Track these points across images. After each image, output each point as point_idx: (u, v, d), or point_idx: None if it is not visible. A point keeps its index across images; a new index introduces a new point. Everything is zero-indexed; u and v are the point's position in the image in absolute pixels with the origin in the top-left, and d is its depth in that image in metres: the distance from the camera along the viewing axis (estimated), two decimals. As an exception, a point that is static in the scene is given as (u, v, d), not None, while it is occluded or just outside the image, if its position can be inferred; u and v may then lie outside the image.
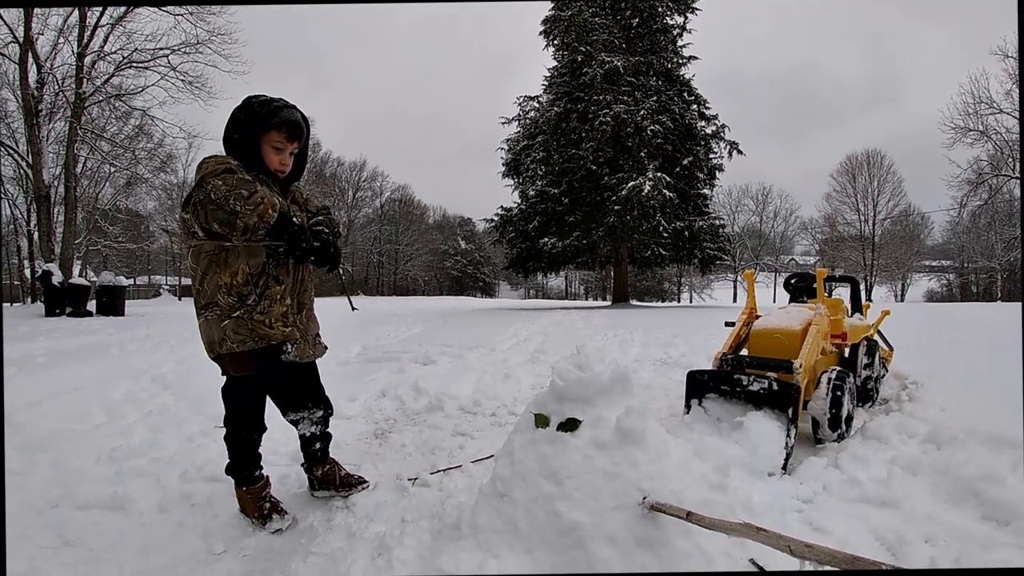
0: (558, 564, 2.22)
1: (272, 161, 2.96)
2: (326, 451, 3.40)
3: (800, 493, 3.54)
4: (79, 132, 22.50)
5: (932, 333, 9.96)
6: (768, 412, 4.15)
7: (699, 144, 27.35)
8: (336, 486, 3.33)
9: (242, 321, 2.87)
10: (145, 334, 12.05)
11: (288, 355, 2.99)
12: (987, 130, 36.20)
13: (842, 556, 1.61)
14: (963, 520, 3.19)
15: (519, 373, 6.95)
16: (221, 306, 2.88)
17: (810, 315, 4.76)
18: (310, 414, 3.27)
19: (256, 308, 2.89)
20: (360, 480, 3.39)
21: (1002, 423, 4.20)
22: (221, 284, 2.87)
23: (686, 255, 27.35)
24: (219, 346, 2.93)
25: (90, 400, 5.61)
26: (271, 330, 2.91)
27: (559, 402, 2.47)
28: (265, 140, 2.92)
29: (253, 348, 2.90)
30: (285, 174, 3.06)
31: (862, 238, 59.83)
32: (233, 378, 3.06)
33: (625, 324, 13.40)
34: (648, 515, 2.18)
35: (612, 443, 2.31)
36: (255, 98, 2.96)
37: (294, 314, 3.07)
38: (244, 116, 2.92)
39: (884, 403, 5.41)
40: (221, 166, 2.77)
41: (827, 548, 1.68)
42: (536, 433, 2.47)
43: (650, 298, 64.82)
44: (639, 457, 2.28)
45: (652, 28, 27.47)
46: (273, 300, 2.93)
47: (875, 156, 60.02)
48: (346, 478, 3.37)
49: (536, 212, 27.70)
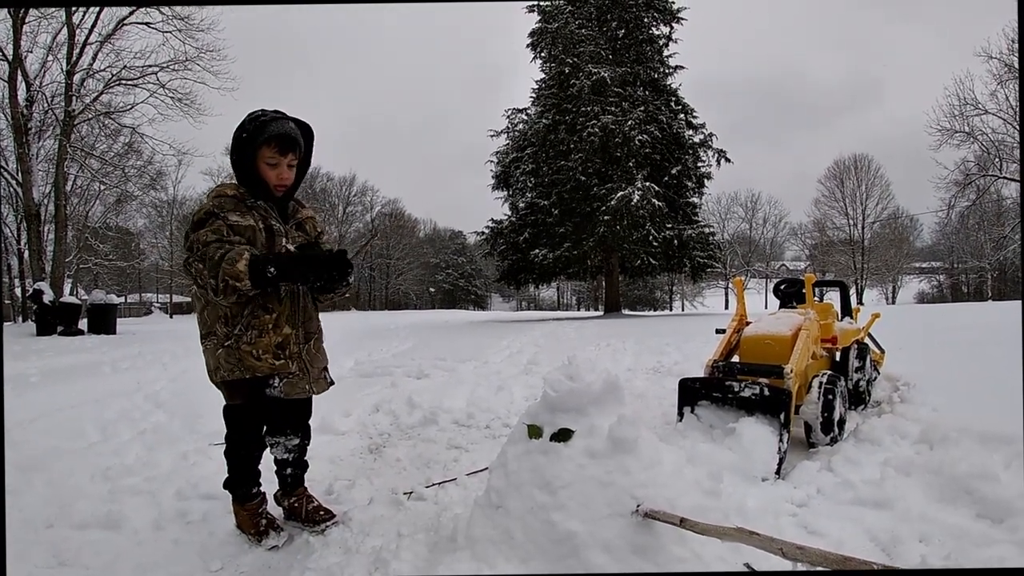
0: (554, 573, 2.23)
1: (269, 177, 2.95)
2: (298, 479, 3.33)
3: (794, 497, 3.56)
4: (68, 150, 22.47)
5: (923, 335, 10.01)
6: (760, 418, 4.17)
7: (687, 153, 27.48)
8: (302, 520, 3.23)
9: (231, 350, 2.87)
10: (137, 352, 12.04)
11: (273, 390, 2.98)
12: (973, 131, 36.50)
13: (834, 557, 1.62)
14: (957, 518, 3.21)
15: (512, 385, 6.95)
16: (217, 335, 2.90)
17: (800, 320, 4.79)
18: (286, 440, 3.21)
19: (242, 338, 2.88)
20: (327, 516, 3.22)
21: (994, 421, 4.23)
22: (220, 314, 2.88)
23: (676, 263, 27.44)
24: (214, 374, 2.96)
25: (84, 419, 5.60)
26: (258, 362, 2.89)
27: (551, 413, 2.48)
28: (259, 157, 2.92)
29: (240, 378, 2.90)
30: (285, 189, 3.04)
31: (852, 242, 60.06)
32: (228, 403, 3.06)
33: (617, 334, 13.41)
34: (642, 522, 2.20)
35: (605, 452, 2.32)
36: (250, 115, 2.93)
37: (297, 343, 3.03)
38: (241, 135, 2.90)
39: (876, 405, 5.44)
40: (208, 208, 2.80)
41: (819, 550, 1.70)
42: (529, 444, 2.48)
43: (642, 307, 64.83)
44: (632, 465, 2.30)
45: (638, 39, 27.66)
46: (262, 330, 2.90)
47: (862, 160, 60.41)
48: (312, 512, 3.23)
49: (526, 224, 27.74)
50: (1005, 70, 34.45)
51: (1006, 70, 34.51)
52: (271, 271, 2.64)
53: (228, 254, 2.62)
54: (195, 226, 2.78)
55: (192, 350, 11.71)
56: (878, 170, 60.21)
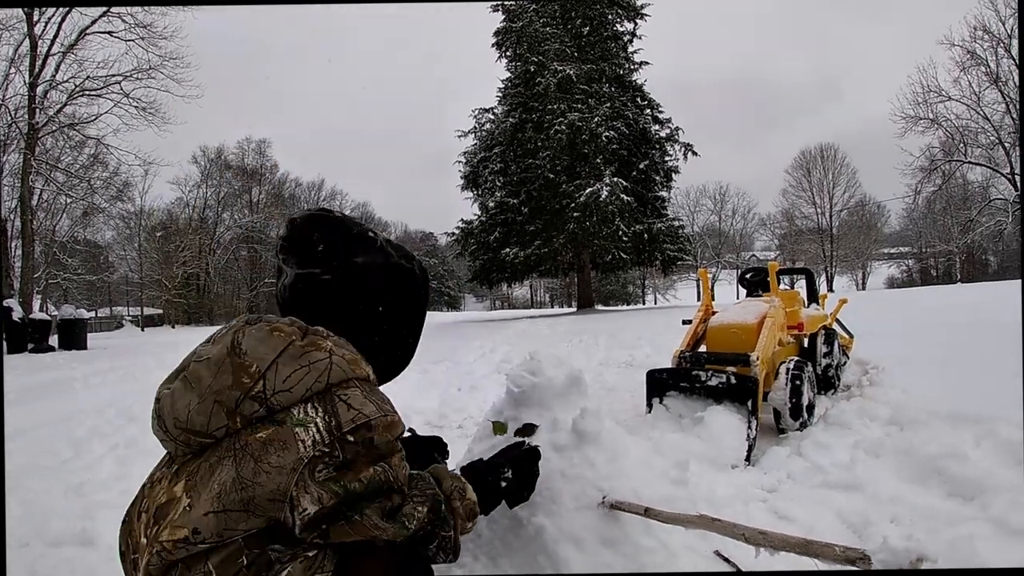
0: (524, 569, 2.22)
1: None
2: None
3: (764, 483, 3.57)
4: (33, 163, 22.18)
5: (893, 319, 10.13)
6: (728, 406, 4.19)
7: (654, 148, 27.69)
8: None
9: None
10: (109, 367, 11.93)
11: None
12: (937, 118, 37.16)
13: (795, 540, 1.62)
14: (928, 498, 3.24)
15: (485, 384, 6.94)
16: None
17: (765, 308, 4.82)
18: None
19: None
20: None
21: (963, 401, 4.29)
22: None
23: (647, 257, 27.63)
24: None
25: (56, 436, 5.61)
26: None
27: (515, 408, 2.46)
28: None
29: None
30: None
31: (820, 230, 60.75)
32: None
33: (590, 329, 13.44)
34: (609, 514, 2.18)
35: (569, 445, 2.30)
36: (410, 257, 1.76)
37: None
38: (416, 289, 1.75)
39: (846, 390, 5.49)
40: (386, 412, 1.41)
41: (780, 534, 1.69)
42: (495, 440, 2.46)
43: (615, 302, 64.98)
44: (596, 457, 2.28)
45: (603, 35, 27.74)
46: None
47: (828, 150, 61.09)
48: None
49: (497, 223, 27.72)
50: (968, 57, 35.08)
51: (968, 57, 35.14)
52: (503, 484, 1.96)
53: (455, 486, 1.69)
54: (383, 449, 1.39)
55: (164, 363, 11.59)
56: (844, 159, 61.01)
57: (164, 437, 1.39)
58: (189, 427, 1.32)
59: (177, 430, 1.34)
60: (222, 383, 1.33)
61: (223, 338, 1.43)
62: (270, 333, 1.40)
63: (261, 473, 1.24)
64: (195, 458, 1.34)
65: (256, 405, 1.31)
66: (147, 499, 1.39)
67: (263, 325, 1.43)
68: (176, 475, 1.35)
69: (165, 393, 1.41)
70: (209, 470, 1.29)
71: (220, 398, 1.31)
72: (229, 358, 1.36)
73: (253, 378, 1.32)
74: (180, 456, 1.38)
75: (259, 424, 1.31)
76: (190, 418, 1.32)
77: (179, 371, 1.45)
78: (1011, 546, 2.70)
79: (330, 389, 1.36)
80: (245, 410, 1.31)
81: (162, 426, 1.38)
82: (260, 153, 61.08)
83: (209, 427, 1.31)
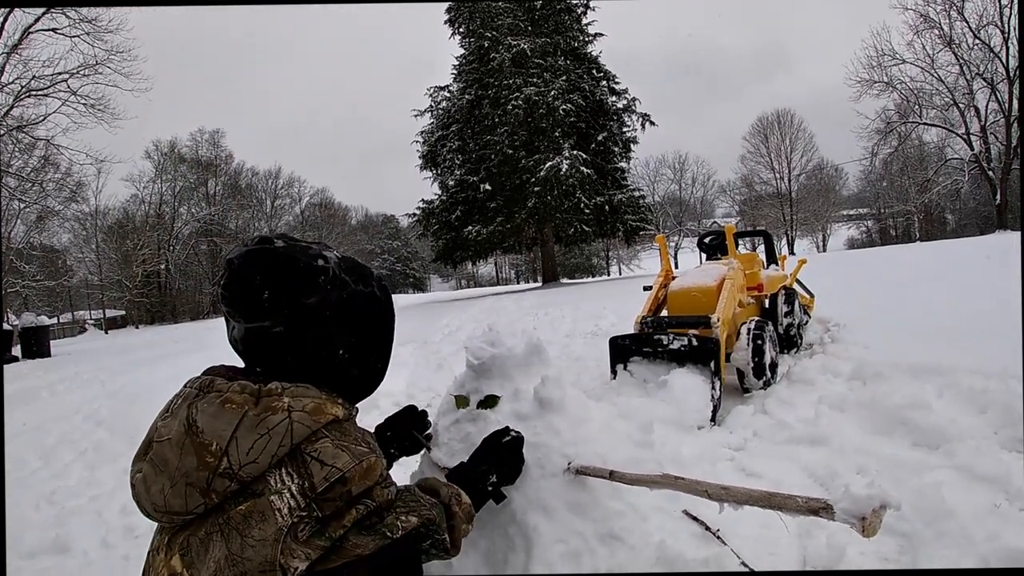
0: (497, 542, 2.21)
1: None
2: None
3: (731, 442, 3.61)
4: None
5: (853, 278, 10.27)
6: (692, 368, 4.22)
7: (612, 119, 27.74)
8: None
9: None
10: (74, 372, 11.87)
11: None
12: (892, 80, 37.59)
13: (758, 494, 1.62)
14: (893, 448, 3.29)
15: (452, 363, 6.97)
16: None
17: (724, 271, 4.85)
18: None
19: None
20: None
21: (924, 353, 4.35)
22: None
23: (610, 229, 27.75)
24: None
25: (24, 447, 5.60)
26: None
27: (476, 380, 2.45)
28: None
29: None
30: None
31: (779, 195, 61.27)
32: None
33: (555, 302, 13.47)
34: (576, 479, 2.18)
35: (532, 414, 2.29)
36: (365, 267, 1.71)
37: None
38: (377, 303, 1.71)
39: (808, 348, 5.55)
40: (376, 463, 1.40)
41: (743, 488, 1.70)
42: (458, 414, 2.44)
43: (581, 275, 65.15)
44: (560, 424, 2.27)
45: (556, 8, 27.56)
46: None
47: (785, 115, 61.51)
48: None
49: (457, 202, 27.59)
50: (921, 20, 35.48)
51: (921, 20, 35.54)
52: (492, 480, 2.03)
53: (451, 492, 1.78)
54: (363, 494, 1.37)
55: (129, 364, 11.47)
56: (801, 124, 61.47)
57: (149, 517, 1.36)
58: (168, 510, 1.29)
59: (158, 513, 1.31)
60: (188, 465, 1.28)
61: (179, 411, 1.37)
62: (222, 407, 1.33)
63: (247, 548, 1.22)
64: (182, 530, 1.31)
65: (227, 481, 1.26)
66: (152, 569, 1.34)
67: (214, 397, 1.35)
68: (169, 547, 1.32)
69: (138, 478, 1.37)
70: (201, 545, 1.26)
71: (190, 480, 1.27)
72: (188, 438, 1.30)
73: (216, 456, 1.27)
74: (168, 529, 1.35)
75: (239, 497, 1.27)
76: (167, 502, 1.29)
77: (144, 451, 1.40)
78: (977, 492, 2.74)
79: (298, 448, 1.31)
80: (218, 487, 1.26)
81: (143, 510, 1.35)
82: (214, 144, 59.97)
83: (188, 507, 1.27)
